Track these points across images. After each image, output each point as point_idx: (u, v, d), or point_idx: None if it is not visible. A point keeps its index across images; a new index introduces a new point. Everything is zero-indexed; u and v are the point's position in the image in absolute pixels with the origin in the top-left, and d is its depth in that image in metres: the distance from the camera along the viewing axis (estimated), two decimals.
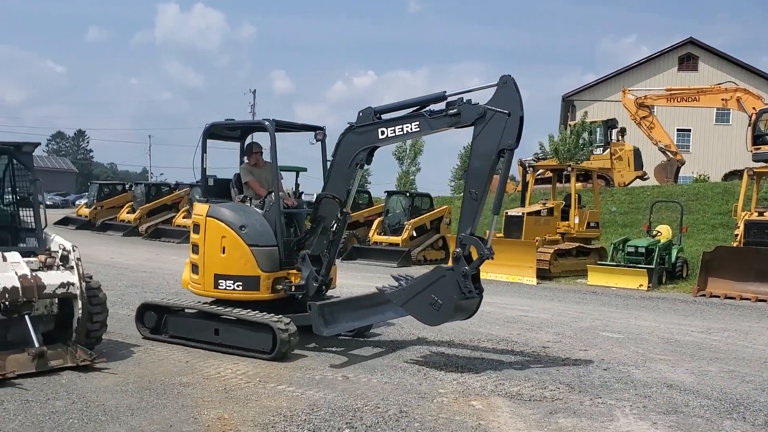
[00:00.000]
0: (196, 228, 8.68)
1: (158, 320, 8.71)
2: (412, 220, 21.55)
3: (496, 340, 9.53)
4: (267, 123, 8.59)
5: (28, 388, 6.43)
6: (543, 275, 17.38)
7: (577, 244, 19.09)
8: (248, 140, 9.64)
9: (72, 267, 7.44)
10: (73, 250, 7.52)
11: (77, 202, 46.39)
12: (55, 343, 7.37)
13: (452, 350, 8.72)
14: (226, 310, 8.27)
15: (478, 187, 7.25)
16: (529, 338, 9.76)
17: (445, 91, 7.60)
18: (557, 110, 50.27)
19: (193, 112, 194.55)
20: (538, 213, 18.82)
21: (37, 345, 6.92)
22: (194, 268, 8.72)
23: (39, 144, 7.85)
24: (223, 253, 8.39)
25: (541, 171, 22.70)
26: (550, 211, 19.03)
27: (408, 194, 22.97)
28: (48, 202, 62.74)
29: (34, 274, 7.10)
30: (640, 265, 16.65)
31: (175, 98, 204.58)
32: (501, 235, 18.69)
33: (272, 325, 7.72)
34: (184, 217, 26.47)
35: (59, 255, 7.54)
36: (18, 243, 7.84)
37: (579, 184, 21.96)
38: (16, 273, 6.97)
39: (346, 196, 8.30)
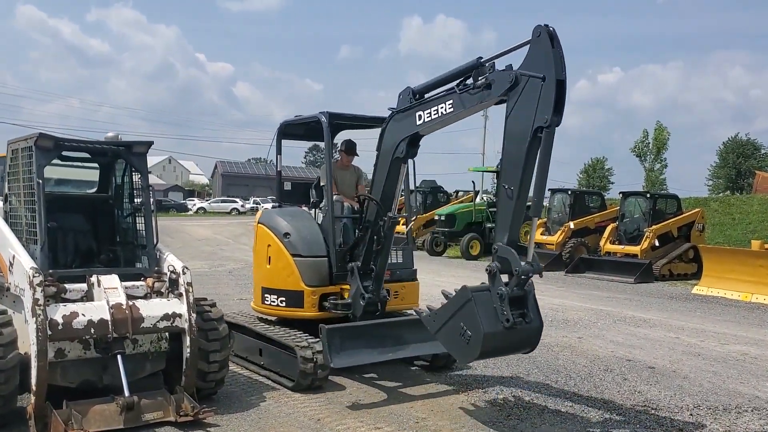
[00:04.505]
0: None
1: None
2: (654, 227, 18.35)
3: (765, 410, 6.53)
4: (321, 116, 7.49)
5: None
6: None
7: None
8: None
9: (181, 294, 5.97)
10: (183, 273, 6.04)
11: None
12: (172, 386, 6.00)
13: (691, 420, 5.98)
14: (267, 327, 7.35)
15: (512, 182, 5.32)
16: None
17: (480, 57, 5.70)
18: None
19: None
20: None
21: (126, 393, 5.51)
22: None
23: (152, 143, 6.52)
24: (269, 263, 7.51)
25: None
26: None
27: (649, 195, 19.59)
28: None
29: (130, 303, 5.70)
30: None
31: None
32: None
33: (296, 351, 6.57)
34: None
35: (168, 278, 6.13)
36: (135, 263, 6.62)
37: None
38: (108, 302, 5.63)
39: (391, 198, 6.88)
